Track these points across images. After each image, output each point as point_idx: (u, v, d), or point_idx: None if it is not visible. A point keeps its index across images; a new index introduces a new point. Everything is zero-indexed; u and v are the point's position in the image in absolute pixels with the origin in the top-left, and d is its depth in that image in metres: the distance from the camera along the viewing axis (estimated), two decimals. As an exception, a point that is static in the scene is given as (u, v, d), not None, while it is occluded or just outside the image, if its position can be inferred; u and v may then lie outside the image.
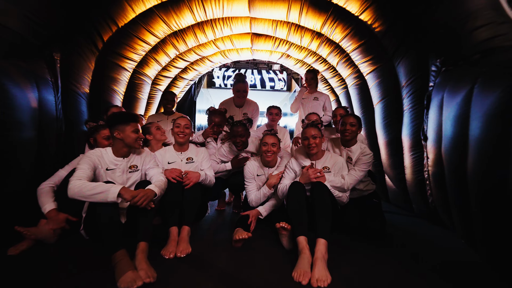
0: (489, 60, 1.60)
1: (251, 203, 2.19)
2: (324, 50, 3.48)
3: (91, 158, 1.63)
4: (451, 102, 1.70)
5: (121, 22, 2.69)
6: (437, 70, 2.05)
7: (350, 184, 1.98)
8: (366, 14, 2.55)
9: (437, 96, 1.96)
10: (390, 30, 2.44)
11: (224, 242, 1.81)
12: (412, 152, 2.37)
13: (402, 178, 2.60)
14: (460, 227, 1.72)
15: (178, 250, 1.57)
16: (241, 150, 2.43)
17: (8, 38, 1.74)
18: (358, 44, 2.88)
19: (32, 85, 1.86)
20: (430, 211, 2.21)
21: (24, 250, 1.57)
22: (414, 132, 2.34)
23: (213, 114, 2.53)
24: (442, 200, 1.94)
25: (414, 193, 2.44)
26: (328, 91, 4.43)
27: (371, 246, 1.77)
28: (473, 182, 1.42)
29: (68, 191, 1.41)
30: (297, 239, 1.52)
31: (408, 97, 2.43)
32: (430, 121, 2.06)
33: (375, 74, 2.90)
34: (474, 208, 1.44)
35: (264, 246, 1.75)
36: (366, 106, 3.22)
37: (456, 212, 1.71)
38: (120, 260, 1.29)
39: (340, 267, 1.43)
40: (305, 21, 3.13)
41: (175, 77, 4.43)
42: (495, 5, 1.90)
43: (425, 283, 1.31)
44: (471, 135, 1.43)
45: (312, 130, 2.00)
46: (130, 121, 1.70)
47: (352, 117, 2.15)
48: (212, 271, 1.40)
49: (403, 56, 2.41)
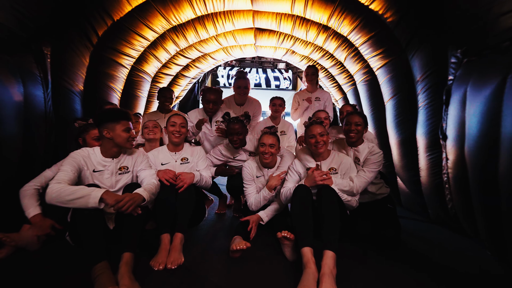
0: (522, 48, 1.40)
1: (251, 207, 2.03)
2: (331, 44, 3.30)
3: (75, 159, 1.50)
4: (477, 96, 1.50)
5: (117, 16, 2.56)
6: (458, 62, 1.84)
7: (360, 187, 1.80)
8: (376, 3, 2.35)
9: (459, 90, 1.76)
10: (403, 20, 2.24)
11: (221, 251, 1.65)
12: (428, 152, 2.17)
13: (416, 180, 2.39)
14: (487, 237, 1.52)
15: (168, 261, 1.41)
16: (238, 147, 2.27)
17: None
18: (368, 37, 2.69)
19: (17, 80, 1.74)
20: (450, 217, 2.01)
21: (2, 258, 1.43)
22: (430, 130, 2.13)
23: (208, 92, 2.37)
24: (465, 206, 1.73)
25: (431, 198, 2.23)
26: (335, 88, 4.24)
27: (385, 257, 1.58)
28: (506, 185, 1.22)
29: (46, 196, 1.27)
30: (301, 250, 1.34)
31: (423, 92, 2.22)
32: (450, 118, 1.86)
33: (386, 69, 2.70)
34: (507, 216, 1.24)
35: (265, 256, 1.58)
36: (376, 103, 3.02)
37: (483, 220, 1.51)
38: (100, 274, 1.14)
39: (350, 283, 1.25)
40: (311, 14, 2.96)
41: (177, 75, 4.30)
42: (524, -13, 1.69)
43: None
44: (504, 132, 1.24)
45: (318, 128, 1.83)
46: (120, 119, 1.56)
47: (358, 116, 1.96)
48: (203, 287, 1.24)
49: (418, 48, 2.21)
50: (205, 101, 2.38)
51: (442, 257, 1.62)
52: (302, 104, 3.24)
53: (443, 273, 1.42)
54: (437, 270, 1.45)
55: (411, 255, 1.65)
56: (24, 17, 1.79)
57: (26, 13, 1.78)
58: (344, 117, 2.08)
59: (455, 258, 1.61)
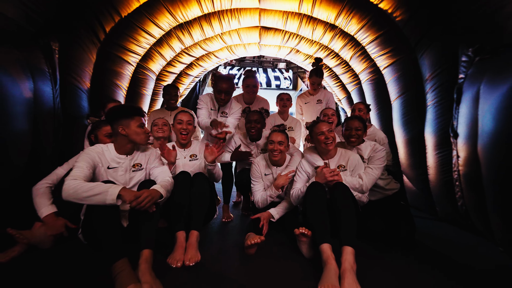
0: (537, 46, 1.42)
1: (257, 204, 2.04)
2: (337, 43, 3.30)
3: (90, 155, 1.48)
4: (492, 94, 1.51)
5: (124, 12, 2.54)
6: (469, 61, 1.85)
7: (369, 184, 1.80)
8: (386, 2, 2.36)
9: (471, 88, 1.77)
10: (413, 19, 2.25)
11: (236, 248, 1.64)
12: (437, 150, 2.18)
13: (424, 179, 2.41)
14: (501, 235, 1.53)
15: (186, 258, 1.40)
16: (255, 137, 2.30)
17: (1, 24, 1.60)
18: (376, 36, 2.70)
19: (27, 75, 1.71)
20: (460, 214, 2.02)
21: (15, 256, 1.41)
22: (440, 129, 2.15)
23: (219, 80, 2.20)
24: (477, 203, 1.75)
25: (439, 195, 2.25)
26: (338, 88, 4.25)
27: (400, 254, 1.59)
28: (525, 183, 1.23)
29: (63, 193, 1.24)
30: (320, 247, 1.34)
31: (432, 91, 2.24)
32: (461, 116, 1.87)
33: (393, 68, 2.71)
34: (525, 214, 1.26)
35: (281, 254, 1.57)
36: (382, 102, 3.04)
37: (497, 217, 1.52)
38: (120, 272, 1.12)
39: (370, 280, 1.25)
40: (318, 12, 2.96)
41: (180, 73, 4.28)
42: (536, -14, 1.71)
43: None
44: (522, 129, 1.25)
45: (325, 125, 1.84)
46: (134, 114, 1.54)
47: (357, 121, 1.99)
48: (226, 284, 1.23)
49: (428, 47, 2.22)
50: (216, 91, 2.21)
51: (455, 254, 1.64)
52: (305, 108, 3.26)
53: (459, 270, 1.43)
54: (453, 267, 1.46)
55: (424, 252, 1.66)
56: (32, 11, 1.77)
57: (34, 7, 1.77)
58: (344, 121, 2.10)
59: (468, 255, 1.63)
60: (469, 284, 1.28)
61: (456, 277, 1.35)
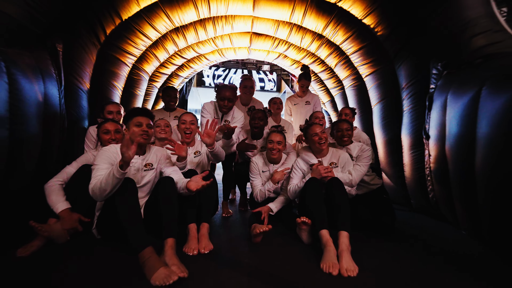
0: (491, 65, 1.75)
1: (256, 198, 2.24)
2: (323, 51, 3.58)
3: (107, 155, 1.57)
4: (457, 103, 1.83)
5: (125, 15, 2.61)
6: (439, 74, 2.18)
7: (357, 179, 2.06)
8: (369, 18, 2.66)
9: (440, 97, 2.09)
10: (393, 34, 2.57)
11: (241, 238, 1.82)
12: (412, 150, 2.50)
13: (401, 175, 2.73)
14: (464, 220, 1.85)
15: (201, 247, 1.55)
16: (258, 133, 2.50)
17: (8, 25, 1.63)
18: (359, 47, 3.00)
19: (38, 77, 1.76)
20: (431, 205, 2.35)
21: (34, 251, 1.47)
22: (414, 131, 2.47)
23: (222, 89, 2.34)
24: (444, 195, 2.07)
25: (413, 189, 2.57)
26: (323, 92, 4.54)
27: (384, 239, 1.85)
28: (482, 176, 1.54)
29: (95, 197, 1.42)
30: (320, 233, 1.56)
31: (408, 98, 2.56)
32: (432, 120, 2.19)
33: (374, 76, 3.02)
34: (482, 201, 1.56)
35: (283, 241, 1.77)
36: (364, 107, 3.35)
37: (461, 206, 1.84)
38: (149, 257, 1.25)
39: (361, 259, 1.48)
40: (308, 23, 3.21)
41: (171, 74, 4.35)
42: (490, 14, 2.07)
43: (443, 274, 1.39)
44: (480, 132, 1.55)
45: (318, 127, 2.09)
46: (133, 115, 1.64)
47: (346, 123, 2.29)
48: (240, 266, 1.40)
49: (404, 60, 2.54)
50: (219, 98, 2.33)
51: (427, 237, 1.93)
52: (294, 109, 3.51)
53: (430, 249, 1.71)
54: (425, 247, 1.74)
55: (402, 236, 1.94)
56: (36, 12, 1.79)
57: (38, 7, 1.79)
58: (333, 125, 2.37)
59: (438, 238, 1.92)
60: (439, 258, 1.55)
61: (425, 251, 1.64)
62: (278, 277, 1.28)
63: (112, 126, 1.96)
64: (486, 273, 1.39)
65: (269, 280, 1.26)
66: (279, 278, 1.27)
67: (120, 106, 2.40)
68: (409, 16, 2.36)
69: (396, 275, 1.34)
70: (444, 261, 1.52)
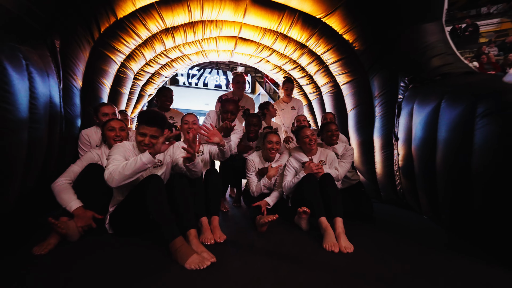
0: (447, 82, 2.19)
1: (252, 193, 2.45)
2: (305, 59, 3.91)
3: (121, 150, 1.66)
4: (421, 112, 2.25)
5: (120, 14, 2.61)
6: (405, 86, 2.62)
7: (342, 174, 2.40)
8: (349, 34, 3.03)
9: (407, 106, 2.52)
10: (368, 50, 2.97)
11: (246, 229, 2.01)
12: (383, 150, 2.93)
13: (373, 172, 3.16)
14: (426, 207, 2.28)
15: (216, 237, 1.71)
16: (254, 138, 2.70)
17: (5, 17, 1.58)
18: (338, 58, 3.37)
19: (45, 76, 1.74)
20: (398, 197, 2.79)
21: (51, 249, 1.48)
22: (385, 134, 2.90)
23: (226, 102, 2.49)
24: (410, 188, 2.50)
25: (384, 184, 3.01)
26: (301, 96, 4.89)
27: (364, 225, 2.19)
28: (441, 171, 1.95)
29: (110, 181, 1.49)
30: (319, 220, 1.83)
31: (379, 105, 2.99)
32: (400, 125, 2.62)
33: (350, 85, 3.42)
34: (441, 191, 1.97)
35: (284, 229, 2.01)
36: (340, 111, 3.74)
37: (424, 196, 2.26)
38: (181, 245, 1.38)
39: (351, 240, 1.77)
40: (293, 33, 3.49)
41: (154, 73, 4.32)
42: (444, 40, 2.56)
43: (412, 248, 1.75)
44: (440, 136, 1.96)
45: (308, 130, 2.38)
46: (140, 122, 1.70)
47: (334, 125, 2.66)
48: (255, 250, 1.60)
49: (377, 72, 2.96)
50: (223, 111, 2.47)
51: (398, 222, 2.33)
52: (281, 114, 3.79)
53: (400, 229, 2.09)
54: (396, 228, 2.12)
55: (379, 222, 2.31)
56: (36, 8, 1.76)
57: (37, 3, 1.77)
58: (323, 126, 2.70)
59: (404, 221, 2.34)
60: (408, 237, 1.92)
61: (398, 233, 2.00)
62: (292, 256, 1.51)
63: (117, 123, 2.00)
64: (439, 244, 1.79)
65: (285, 259, 1.48)
66: (292, 257, 1.50)
67: (115, 108, 2.38)
68: (382, 36, 2.78)
69: (380, 250, 1.67)
70: (412, 239, 1.89)
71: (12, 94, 1.17)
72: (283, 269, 1.34)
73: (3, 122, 1.14)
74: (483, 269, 1.42)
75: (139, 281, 1.19)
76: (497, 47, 8.46)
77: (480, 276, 1.34)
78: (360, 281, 1.26)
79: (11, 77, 1.18)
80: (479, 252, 1.62)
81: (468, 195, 1.69)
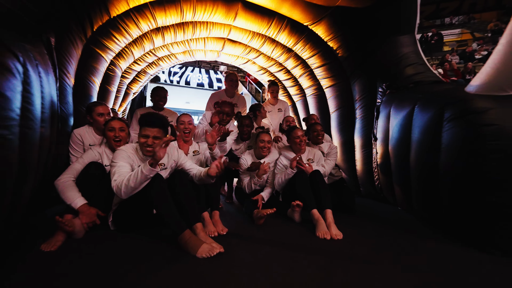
0: (419, 90, 2.49)
1: (245, 189, 2.61)
2: (290, 63, 4.11)
3: (125, 154, 1.71)
4: (397, 115, 2.53)
5: (114, 12, 2.61)
6: (383, 92, 2.91)
7: (328, 170, 2.64)
8: (333, 42, 3.27)
9: (385, 109, 2.81)
10: (350, 57, 3.23)
11: (244, 222, 2.16)
12: (363, 149, 3.22)
13: (353, 169, 3.45)
14: (401, 200, 2.58)
15: (218, 229, 1.83)
16: (247, 139, 2.84)
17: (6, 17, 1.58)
18: (323, 63, 3.61)
19: (47, 74, 1.74)
20: (376, 191, 3.09)
21: (60, 246, 1.51)
22: (365, 134, 3.18)
23: (223, 104, 2.66)
24: (387, 183, 2.80)
25: (363, 179, 3.30)
26: (285, 97, 5.10)
27: (347, 216, 2.43)
28: (414, 167, 2.23)
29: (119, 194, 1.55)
30: (311, 211, 2.02)
31: (360, 108, 3.27)
32: (379, 126, 2.91)
33: (333, 89, 3.68)
34: (414, 185, 2.26)
35: (279, 222, 2.18)
36: (323, 113, 4.00)
37: (399, 189, 2.56)
38: (190, 237, 1.49)
39: (339, 228, 1.99)
40: (281, 37, 3.67)
41: (140, 71, 4.28)
42: (416, 51, 2.88)
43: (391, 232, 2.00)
44: (414, 137, 2.24)
45: (299, 131, 2.57)
46: (141, 125, 1.74)
47: (319, 125, 2.89)
48: (257, 241, 1.75)
49: (358, 78, 3.24)
50: (219, 112, 2.62)
51: (376, 213, 2.60)
52: (269, 115, 3.97)
53: (378, 219, 2.35)
54: (376, 219, 2.38)
55: (360, 214, 2.57)
56: (30, 3, 1.75)
57: None
58: (309, 127, 2.92)
59: (383, 213, 2.62)
60: (385, 225, 2.19)
61: (377, 222, 2.26)
62: (291, 244, 1.69)
63: (117, 124, 2.04)
64: (413, 230, 2.07)
65: (285, 246, 1.65)
66: (291, 245, 1.68)
67: (108, 107, 2.39)
68: (363, 45, 3.05)
69: (363, 236, 1.90)
70: (389, 227, 2.15)
71: (32, 94, 1.20)
72: (286, 255, 1.50)
73: (26, 121, 1.16)
74: (447, 247, 1.71)
75: (159, 269, 1.29)
76: (458, 55, 9.37)
77: (444, 252, 1.62)
78: (351, 261, 1.46)
79: (31, 78, 1.20)
80: (445, 236, 1.92)
81: (436, 189, 1.97)
